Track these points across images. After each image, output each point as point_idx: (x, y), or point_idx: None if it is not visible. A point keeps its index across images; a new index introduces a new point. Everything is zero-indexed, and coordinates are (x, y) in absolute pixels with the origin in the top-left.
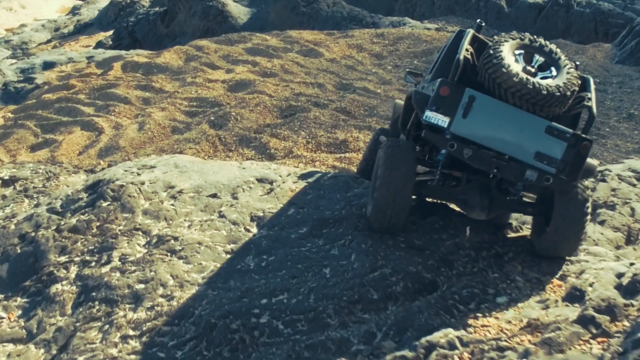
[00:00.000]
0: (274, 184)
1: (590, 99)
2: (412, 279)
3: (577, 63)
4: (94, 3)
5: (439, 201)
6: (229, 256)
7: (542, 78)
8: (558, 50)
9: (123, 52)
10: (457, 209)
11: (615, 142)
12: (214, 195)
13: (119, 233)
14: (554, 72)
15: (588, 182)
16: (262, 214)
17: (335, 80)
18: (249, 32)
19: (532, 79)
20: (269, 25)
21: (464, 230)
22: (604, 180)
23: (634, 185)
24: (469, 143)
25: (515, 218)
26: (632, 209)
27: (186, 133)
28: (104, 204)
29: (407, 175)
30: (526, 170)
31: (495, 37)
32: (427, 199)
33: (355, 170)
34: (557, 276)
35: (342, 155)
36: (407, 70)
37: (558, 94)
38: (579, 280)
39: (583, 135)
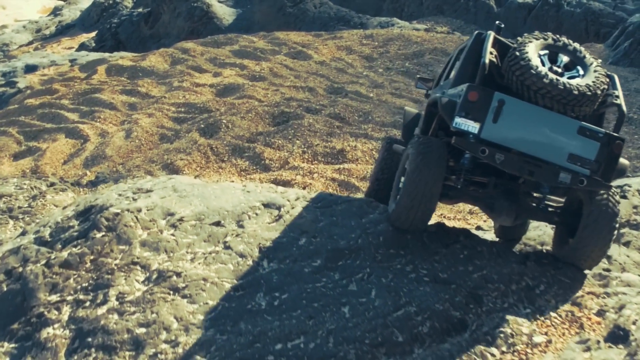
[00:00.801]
0: (282, 209)
1: (618, 96)
2: (440, 318)
3: (600, 60)
4: (76, 3)
5: (459, 225)
6: (237, 294)
7: (569, 78)
8: (582, 48)
9: (107, 55)
10: (477, 232)
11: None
12: (218, 224)
13: (116, 268)
14: (581, 71)
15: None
16: (271, 245)
17: (326, 83)
18: (235, 33)
19: (562, 80)
20: (254, 26)
21: (490, 260)
22: (624, 197)
23: None
24: (500, 148)
25: (532, 238)
26: None
27: (176, 142)
28: (98, 235)
29: (437, 175)
30: (560, 173)
31: (518, 38)
32: (448, 224)
33: (366, 191)
34: (594, 311)
35: (341, 166)
36: (418, 76)
37: (589, 93)
38: (620, 318)
39: (615, 135)
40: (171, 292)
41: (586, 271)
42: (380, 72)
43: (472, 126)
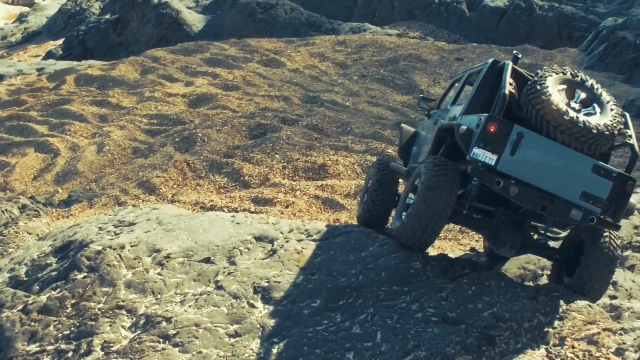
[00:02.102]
0: (276, 243)
1: (631, 136)
2: None
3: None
4: (42, 10)
5: (462, 256)
6: (232, 340)
7: (585, 115)
8: (599, 85)
9: (75, 64)
10: (472, 253)
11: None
12: (208, 260)
13: (99, 313)
14: (597, 109)
15: None
16: (266, 284)
17: (301, 92)
18: (205, 40)
19: (581, 117)
20: (224, 33)
21: (500, 295)
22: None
23: None
24: (515, 181)
25: (532, 262)
26: None
27: (150, 157)
28: (79, 276)
29: (449, 197)
30: (572, 210)
31: (538, 71)
32: (452, 256)
33: (360, 214)
34: (612, 350)
35: (323, 182)
36: (421, 96)
37: (607, 132)
38: None
39: (628, 175)
40: (161, 340)
41: (597, 302)
42: (355, 79)
43: (489, 157)
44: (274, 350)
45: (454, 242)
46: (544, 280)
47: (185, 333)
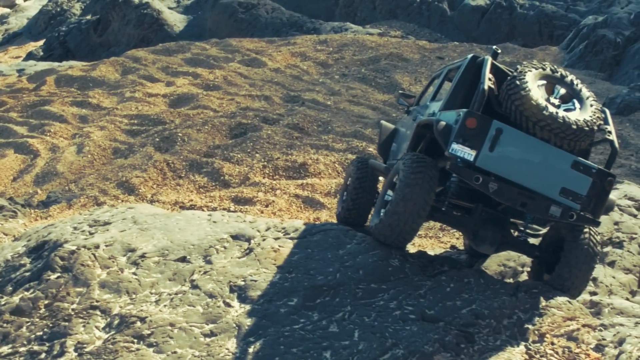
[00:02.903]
0: (252, 241)
1: (610, 132)
2: None
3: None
4: (23, 11)
5: (442, 254)
6: (208, 340)
7: (565, 110)
8: (578, 81)
9: (56, 64)
10: (453, 251)
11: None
12: (183, 259)
13: (73, 314)
14: (577, 105)
15: None
16: (243, 283)
17: (282, 91)
18: (186, 40)
19: (561, 113)
20: (206, 33)
21: (479, 292)
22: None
23: (636, 216)
24: (495, 177)
25: (512, 259)
26: None
27: (130, 157)
28: (53, 277)
29: (428, 195)
30: (551, 206)
31: (518, 66)
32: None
33: (339, 213)
34: (592, 346)
35: (303, 181)
36: (400, 92)
37: (587, 128)
38: (621, 354)
39: (607, 171)
40: (135, 341)
41: (577, 298)
42: (336, 78)
43: (468, 153)
44: (250, 350)
45: (435, 240)
46: (524, 277)
47: (160, 333)
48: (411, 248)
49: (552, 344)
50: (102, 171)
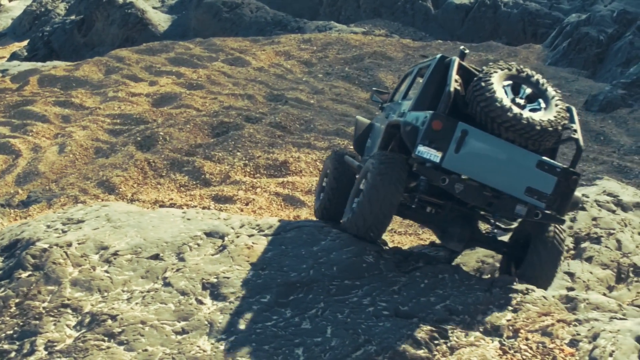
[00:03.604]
0: (226, 238)
1: (576, 130)
2: (403, 358)
3: (558, 91)
4: (7, 12)
5: (411, 241)
6: (179, 338)
7: (530, 110)
8: (544, 80)
9: (39, 65)
10: (432, 248)
11: (562, 150)
12: (156, 257)
13: (44, 312)
14: (542, 104)
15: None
16: (215, 280)
17: (265, 90)
18: (170, 40)
19: (525, 114)
20: (190, 33)
21: (453, 288)
22: (582, 209)
23: (614, 212)
24: (460, 177)
25: (490, 255)
26: (619, 242)
27: (111, 157)
28: (24, 275)
29: (395, 192)
30: (516, 205)
31: (484, 67)
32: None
33: (317, 207)
34: (567, 341)
35: (284, 179)
36: (374, 89)
37: (551, 129)
38: (595, 349)
39: (572, 170)
40: (106, 339)
41: (553, 294)
42: (320, 77)
43: (434, 155)
44: (221, 347)
45: (414, 237)
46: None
47: (131, 331)
48: (390, 245)
49: (527, 339)
50: (83, 171)
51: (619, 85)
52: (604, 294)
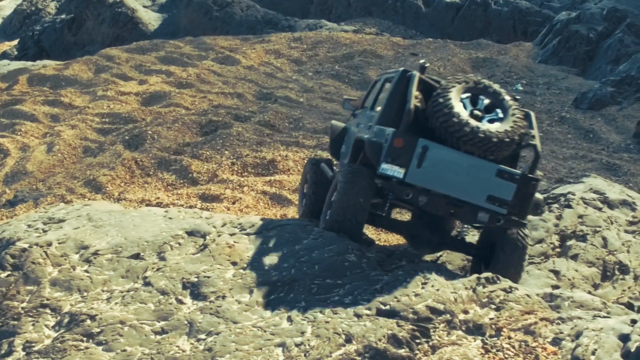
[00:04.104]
0: (208, 237)
1: (534, 136)
2: (384, 357)
3: (518, 97)
4: None
5: (398, 240)
6: (159, 338)
7: (489, 121)
8: (502, 90)
9: (29, 64)
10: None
11: (551, 148)
12: (137, 256)
13: (23, 312)
14: (500, 114)
15: (554, 210)
16: (196, 279)
17: (255, 89)
18: (161, 39)
19: (482, 127)
20: (181, 31)
21: (435, 286)
22: (569, 206)
23: (600, 209)
24: (424, 190)
25: None
26: (604, 239)
27: (99, 156)
28: (3, 275)
29: (365, 191)
30: (479, 213)
31: (442, 81)
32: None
33: (301, 213)
34: (549, 340)
35: (272, 177)
36: (345, 97)
37: (507, 139)
38: (578, 347)
39: (530, 176)
40: (84, 339)
41: (537, 292)
42: (309, 75)
43: (397, 171)
44: (201, 347)
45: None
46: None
47: (110, 331)
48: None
49: (509, 338)
50: (70, 170)
51: (609, 83)
52: (589, 292)
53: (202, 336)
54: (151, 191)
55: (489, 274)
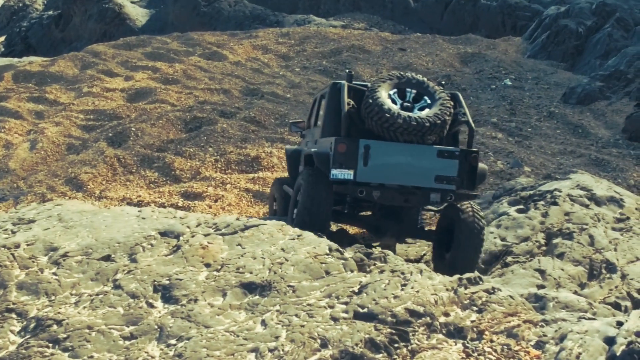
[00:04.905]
0: (181, 238)
1: (465, 114)
2: None
3: (443, 82)
4: None
5: (378, 248)
6: (127, 343)
7: (419, 109)
8: (425, 79)
9: (15, 60)
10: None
11: (540, 143)
12: (107, 258)
13: None
14: (428, 100)
15: (540, 207)
16: (167, 282)
17: (242, 85)
18: (148, 34)
19: (413, 115)
20: (168, 27)
21: (415, 288)
22: (555, 203)
23: (587, 206)
24: (375, 185)
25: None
26: (591, 237)
27: (82, 153)
28: None
29: (326, 187)
30: (430, 194)
31: (368, 84)
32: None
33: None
34: (532, 343)
35: (255, 174)
36: (290, 122)
37: (439, 121)
38: (562, 351)
39: (469, 149)
40: (50, 345)
41: (521, 292)
42: (297, 71)
43: (347, 174)
44: (171, 353)
45: None
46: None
47: (77, 336)
48: (359, 241)
49: (491, 341)
50: (53, 168)
51: (597, 77)
52: (576, 292)
53: (173, 341)
54: (133, 189)
55: (471, 275)
